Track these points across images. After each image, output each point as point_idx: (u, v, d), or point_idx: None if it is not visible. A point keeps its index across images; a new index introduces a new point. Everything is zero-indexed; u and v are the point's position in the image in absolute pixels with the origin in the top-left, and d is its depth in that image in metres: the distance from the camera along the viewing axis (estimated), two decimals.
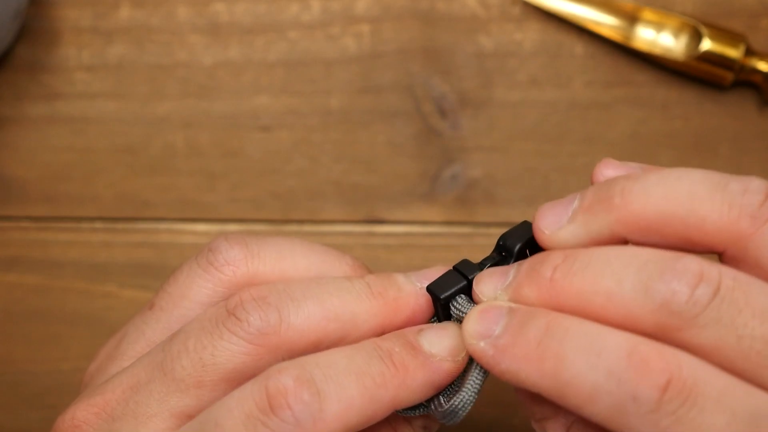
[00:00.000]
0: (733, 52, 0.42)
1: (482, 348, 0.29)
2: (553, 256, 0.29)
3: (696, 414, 0.27)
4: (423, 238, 0.45)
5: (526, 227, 0.32)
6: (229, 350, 0.29)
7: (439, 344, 0.31)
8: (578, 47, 0.44)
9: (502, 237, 0.32)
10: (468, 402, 0.31)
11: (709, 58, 0.42)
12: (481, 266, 0.32)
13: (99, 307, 0.46)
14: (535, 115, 0.45)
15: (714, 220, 0.28)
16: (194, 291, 0.32)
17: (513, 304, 0.30)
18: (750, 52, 0.42)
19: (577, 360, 0.27)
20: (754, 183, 0.28)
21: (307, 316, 0.30)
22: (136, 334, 0.32)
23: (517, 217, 0.45)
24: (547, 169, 0.45)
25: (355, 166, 0.45)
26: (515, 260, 0.31)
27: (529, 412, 0.31)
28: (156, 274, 0.46)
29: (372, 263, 0.45)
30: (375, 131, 0.45)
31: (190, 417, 0.29)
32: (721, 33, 0.42)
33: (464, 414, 0.31)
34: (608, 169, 0.33)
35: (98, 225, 0.46)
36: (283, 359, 0.29)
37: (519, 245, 0.32)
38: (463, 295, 0.31)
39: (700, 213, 0.28)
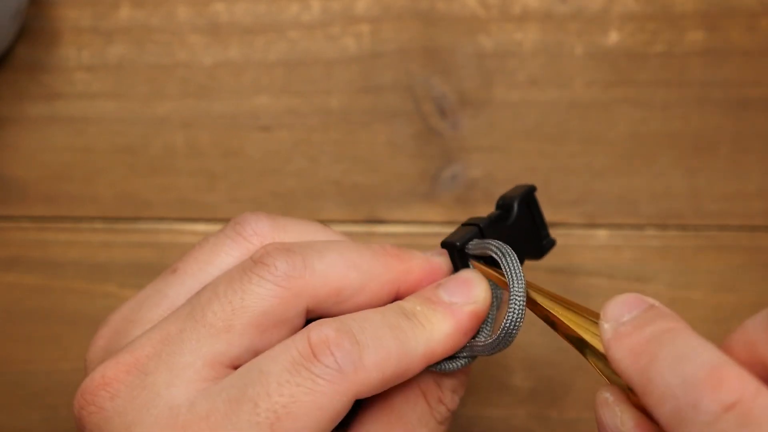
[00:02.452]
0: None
1: (604, 329, 0.30)
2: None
3: None
4: (423, 238, 0.45)
5: (520, 187, 0.35)
6: (258, 293, 0.30)
7: (458, 292, 0.32)
8: (578, 47, 0.44)
9: (501, 197, 0.35)
10: (519, 319, 0.32)
11: None
12: (487, 218, 0.34)
13: (99, 307, 0.46)
14: (535, 115, 0.45)
15: None
16: (221, 257, 0.33)
17: (656, 302, 0.30)
18: None
19: (666, 361, 0.28)
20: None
21: (329, 263, 0.31)
22: (157, 297, 0.33)
23: None
24: (547, 169, 0.45)
25: (355, 166, 0.45)
26: (517, 213, 0.34)
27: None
28: (156, 274, 0.46)
29: None
30: (375, 131, 0.45)
31: (223, 365, 0.30)
32: None
33: (517, 333, 0.32)
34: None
35: (98, 225, 0.46)
36: (308, 306, 0.31)
37: (518, 200, 0.34)
38: (476, 240, 0.33)
39: None
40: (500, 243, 0.33)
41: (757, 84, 0.44)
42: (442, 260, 0.34)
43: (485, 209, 0.45)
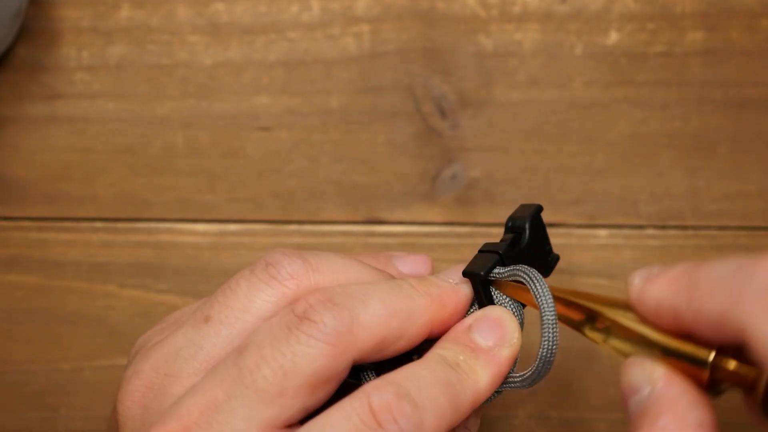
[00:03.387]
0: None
1: (635, 281, 0.31)
2: None
3: None
4: (423, 238, 0.45)
5: (526, 207, 0.35)
6: (309, 354, 0.29)
7: (493, 334, 0.32)
8: (578, 47, 0.44)
9: (510, 219, 0.34)
10: (554, 346, 0.32)
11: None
12: (503, 243, 0.34)
13: (99, 307, 0.46)
14: (535, 115, 0.45)
15: None
16: (257, 305, 0.31)
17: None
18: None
19: (707, 267, 0.28)
20: None
21: (373, 314, 0.31)
22: (192, 349, 0.31)
23: None
24: (547, 169, 0.45)
25: (355, 166, 0.45)
26: (529, 235, 0.34)
27: None
28: (156, 274, 0.46)
29: None
30: (375, 131, 0.45)
31: (275, 427, 0.29)
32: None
33: (554, 360, 0.32)
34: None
35: (98, 225, 0.46)
36: (355, 361, 0.30)
37: (529, 222, 0.34)
38: (499, 268, 0.33)
39: None
40: (527, 268, 0.33)
41: (757, 84, 0.44)
42: (465, 288, 0.33)
43: (485, 209, 0.45)
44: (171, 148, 0.46)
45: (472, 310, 0.33)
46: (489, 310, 0.33)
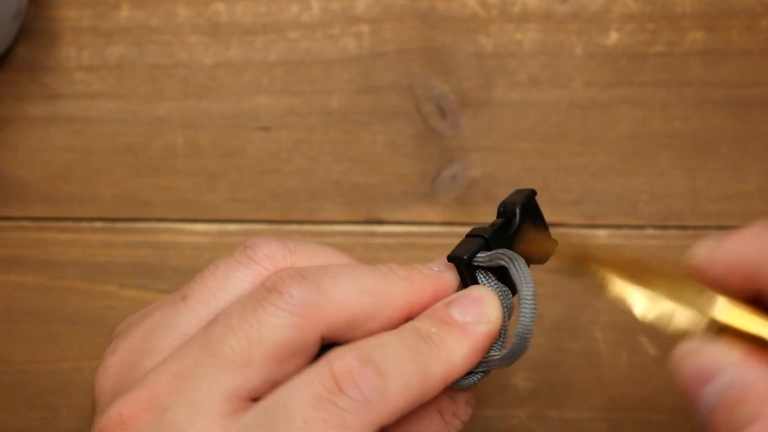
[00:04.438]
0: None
1: (701, 248, 0.31)
2: None
3: None
4: (423, 238, 0.45)
5: (521, 192, 0.34)
6: (275, 324, 0.30)
7: (471, 310, 0.32)
8: (578, 47, 0.44)
9: (502, 204, 0.34)
10: (531, 324, 0.32)
11: None
12: (491, 227, 0.33)
13: (99, 307, 0.46)
14: (535, 115, 0.45)
15: None
16: (234, 283, 0.32)
17: None
18: None
19: None
20: None
21: (344, 290, 0.31)
22: (168, 327, 0.32)
23: None
24: (547, 169, 0.45)
25: (355, 166, 0.45)
26: (519, 220, 0.34)
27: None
28: (156, 274, 0.46)
29: None
30: (375, 131, 0.45)
31: (242, 398, 0.29)
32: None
33: (530, 339, 0.32)
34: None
35: (98, 225, 0.46)
36: (323, 336, 0.30)
37: (520, 207, 0.34)
38: (483, 252, 0.33)
39: None
40: (508, 251, 0.32)
41: (757, 84, 0.44)
42: (450, 275, 0.33)
43: (485, 209, 0.45)
44: (171, 148, 0.46)
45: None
46: (470, 289, 0.33)
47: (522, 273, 0.32)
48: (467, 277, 0.33)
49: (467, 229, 0.45)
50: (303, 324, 0.30)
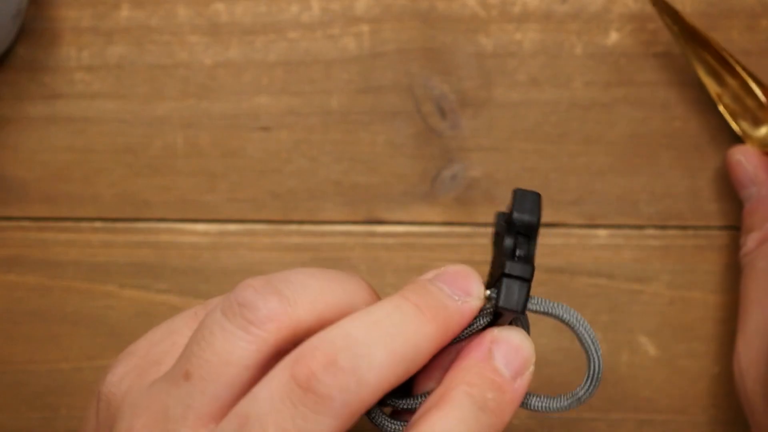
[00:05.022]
0: None
1: None
2: None
3: None
4: (423, 238, 0.45)
5: (525, 196, 0.31)
6: (322, 431, 0.28)
7: (514, 364, 0.31)
8: (578, 47, 0.44)
9: (515, 212, 0.31)
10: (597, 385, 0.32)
11: None
12: (523, 265, 0.31)
13: (99, 307, 0.46)
14: (535, 115, 0.45)
15: None
16: (238, 355, 0.29)
17: None
18: None
19: None
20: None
21: (380, 369, 0.28)
22: (181, 409, 0.29)
23: None
24: (547, 169, 0.45)
25: (355, 166, 0.45)
26: (494, 247, 0.32)
27: (742, 228, 0.42)
28: (156, 274, 0.46)
29: (372, 263, 0.45)
30: (375, 131, 0.45)
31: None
32: None
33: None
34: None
35: (98, 225, 0.46)
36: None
37: (537, 221, 0.31)
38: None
39: None
40: (566, 308, 0.31)
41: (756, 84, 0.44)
42: (473, 305, 0.31)
43: (485, 209, 0.45)
44: (171, 148, 0.46)
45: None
46: (510, 334, 0.31)
47: (587, 330, 0.31)
48: (500, 317, 0.31)
49: (467, 230, 0.46)
50: (346, 422, 0.28)
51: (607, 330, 0.45)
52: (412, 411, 0.32)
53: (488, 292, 0.31)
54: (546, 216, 0.45)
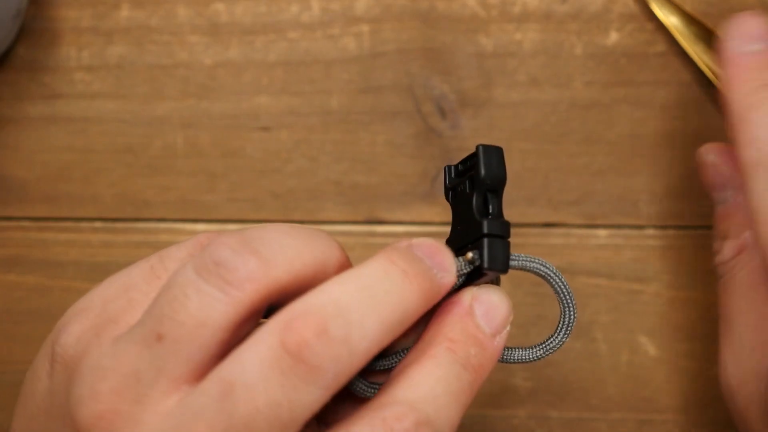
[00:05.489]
0: None
1: (726, 45, 0.35)
2: None
3: None
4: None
5: (490, 151, 0.31)
6: (310, 401, 0.27)
7: (494, 322, 0.31)
8: (578, 47, 0.44)
9: (486, 169, 0.31)
10: (563, 343, 0.32)
11: None
12: (498, 222, 0.31)
13: None
14: (535, 115, 0.45)
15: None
16: (214, 317, 0.28)
17: None
18: None
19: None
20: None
21: (371, 338, 0.28)
22: (154, 372, 0.28)
23: (517, 217, 0.45)
24: (547, 169, 0.45)
25: (355, 166, 0.45)
26: (452, 202, 0.32)
27: (715, 232, 0.39)
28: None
29: None
30: (375, 131, 0.45)
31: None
32: None
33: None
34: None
35: (98, 225, 0.46)
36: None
37: (448, 192, 0.32)
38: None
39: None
40: (542, 262, 0.31)
41: None
42: (453, 275, 0.31)
43: None
44: (171, 148, 0.46)
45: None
46: (490, 293, 0.31)
47: (562, 282, 0.31)
48: (477, 276, 0.31)
49: None
50: (334, 386, 0.28)
51: (607, 330, 0.45)
52: (387, 371, 0.32)
53: (471, 254, 0.31)
54: (546, 216, 0.45)
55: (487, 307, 0.31)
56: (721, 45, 0.33)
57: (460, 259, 0.31)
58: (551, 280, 0.32)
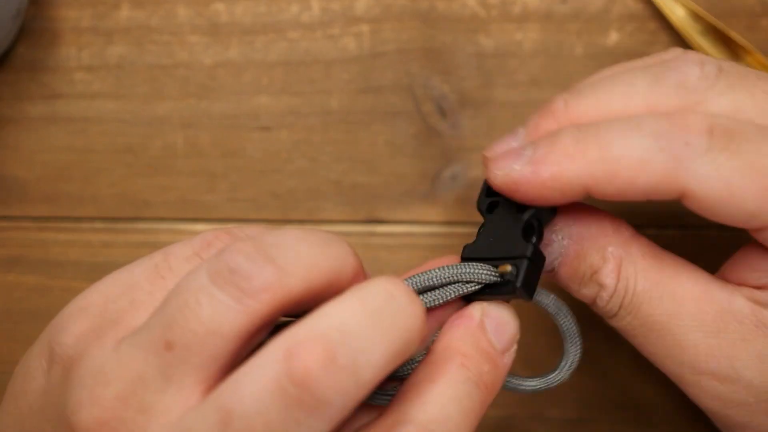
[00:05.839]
0: None
1: (518, 171, 0.30)
2: (558, 97, 0.32)
3: (746, 145, 0.29)
4: (423, 238, 0.45)
5: (485, 184, 0.33)
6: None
7: (503, 338, 0.31)
8: (578, 47, 0.44)
9: (477, 204, 0.33)
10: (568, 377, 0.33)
11: None
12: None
13: None
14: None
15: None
16: (227, 327, 0.27)
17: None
18: None
19: (620, 136, 0.29)
20: (687, 64, 0.31)
21: (377, 367, 0.26)
22: (162, 381, 0.27)
23: None
24: None
25: (355, 166, 0.45)
26: (486, 213, 0.33)
27: (580, 276, 0.33)
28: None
29: (372, 263, 0.45)
30: (375, 131, 0.45)
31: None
32: None
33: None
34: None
35: (98, 225, 0.46)
36: None
37: (485, 203, 0.33)
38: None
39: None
40: (553, 297, 0.32)
41: None
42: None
43: None
44: (171, 148, 0.46)
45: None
46: (499, 308, 0.31)
47: (574, 327, 0.32)
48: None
49: (467, 230, 0.46)
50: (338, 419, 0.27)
51: (607, 330, 0.45)
52: (395, 379, 0.32)
53: (510, 267, 0.31)
54: None
55: (498, 323, 0.31)
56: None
57: (488, 266, 0.31)
58: (561, 319, 0.32)
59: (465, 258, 0.33)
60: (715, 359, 0.32)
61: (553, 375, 0.33)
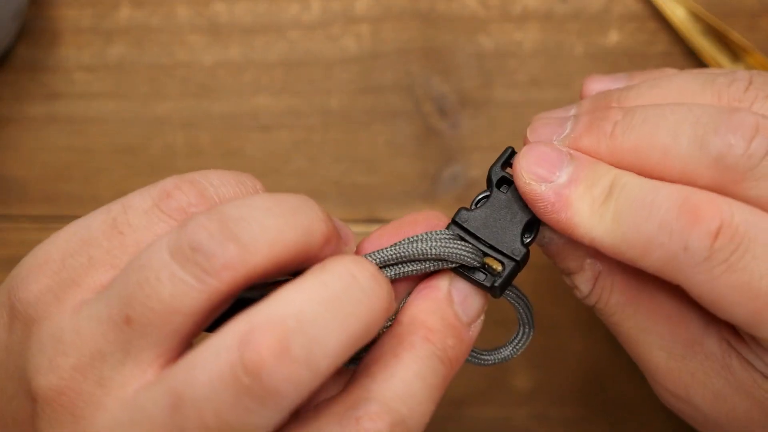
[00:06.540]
0: None
1: (542, 192, 0.30)
2: (613, 112, 0.30)
3: (749, 261, 0.28)
4: None
5: (507, 153, 0.33)
6: (265, 424, 0.26)
7: (470, 312, 0.31)
8: (578, 47, 0.44)
9: (489, 170, 0.33)
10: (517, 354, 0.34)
11: None
12: (475, 204, 0.32)
13: None
14: (535, 115, 0.45)
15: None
16: (187, 305, 0.27)
17: (574, 152, 0.30)
18: None
19: (632, 214, 0.28)
20: (739, 73, 0.30)
21: (333, 356, 0.26)
22: (120, 355, 0.27)
23: None
24: None
25: (355, 166, 0.45)
26: (495, 187, 0.33)
27: (559, 268, 0.33)
28: None
29: None
30: (375, 131, 0.45)
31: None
32: None
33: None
34: (596, 84, 0.34)
35: None
36: None
37: (497, 175, 0.33)
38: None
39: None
40: (517, 290, 0.32)
41: None
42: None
43: None
44: (171, 148, 0.46)
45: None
46: (464, 281, 0.31)
47: (529, 317, 0.32)
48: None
49: None
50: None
51: (607, 330, 0.45)
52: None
53: (499, 267, 0.31)
54: None
55: (465, 295, 0.31)
56: (529, 188, 0.31)
57: (473, 249, 0.31)
58: (520, 309, 0.32)
59: (455, 223, 0.32)
60: (673, 381, 0.32)
61: (503, 349, 0.33)
